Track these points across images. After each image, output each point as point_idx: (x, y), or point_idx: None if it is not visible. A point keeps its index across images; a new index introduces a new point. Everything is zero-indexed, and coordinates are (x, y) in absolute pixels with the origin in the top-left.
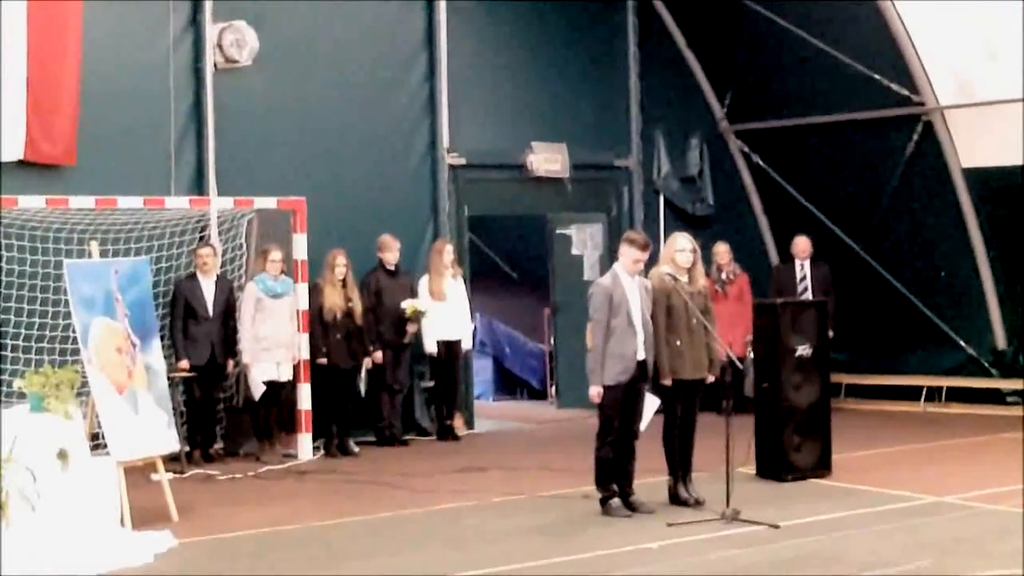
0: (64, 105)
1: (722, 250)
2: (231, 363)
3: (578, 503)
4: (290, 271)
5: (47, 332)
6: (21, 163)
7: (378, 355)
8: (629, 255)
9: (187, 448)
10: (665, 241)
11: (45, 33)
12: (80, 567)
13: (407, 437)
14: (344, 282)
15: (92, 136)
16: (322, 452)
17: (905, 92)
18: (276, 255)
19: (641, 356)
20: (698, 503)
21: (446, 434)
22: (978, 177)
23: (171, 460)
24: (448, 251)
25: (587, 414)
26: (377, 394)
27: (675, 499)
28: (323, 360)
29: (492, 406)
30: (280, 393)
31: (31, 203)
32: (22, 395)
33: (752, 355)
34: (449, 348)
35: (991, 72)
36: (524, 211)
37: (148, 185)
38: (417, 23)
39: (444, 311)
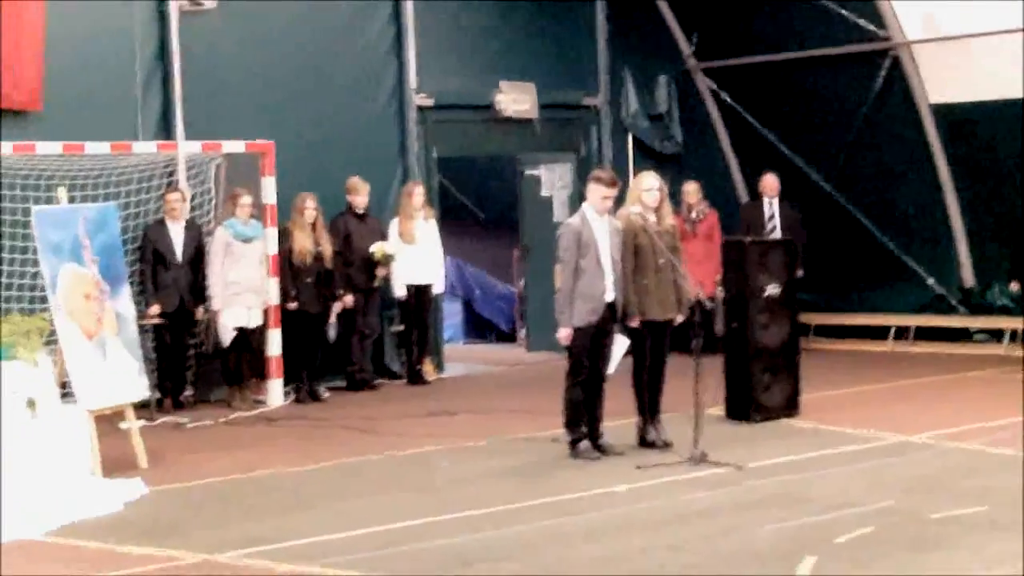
0: (29, 51)
1: (691, 189)
2: (201, 309)
3: (547, 446)
4: (259, 215)
5: (15, 280)
6: None
7: (348, 299)
8: (597, 192)
9: (157, 395)
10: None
11: None
12: (50, 515)
13: (377, 381)
14: (314, 226)
15: (58, 82)
16: (292, 398)
17: (872, 27)
18: (246, 200)
19: (610, 297)
20: (666, 445)
21: (416, 378)
22: (946, 112)
23: (141, 407)
24: (418, 193)
25: (557, 357)
26: (347, 339)
27: (643, 441)
28: (293, 305)
29: (462, 349)
30: (250, 339)
31: None
32: None
33: (722, 294)
34: (419, 292)
35: (958, 7)
36: (493, 152)
37: (115, 130)
38: None
39: (414, 254)
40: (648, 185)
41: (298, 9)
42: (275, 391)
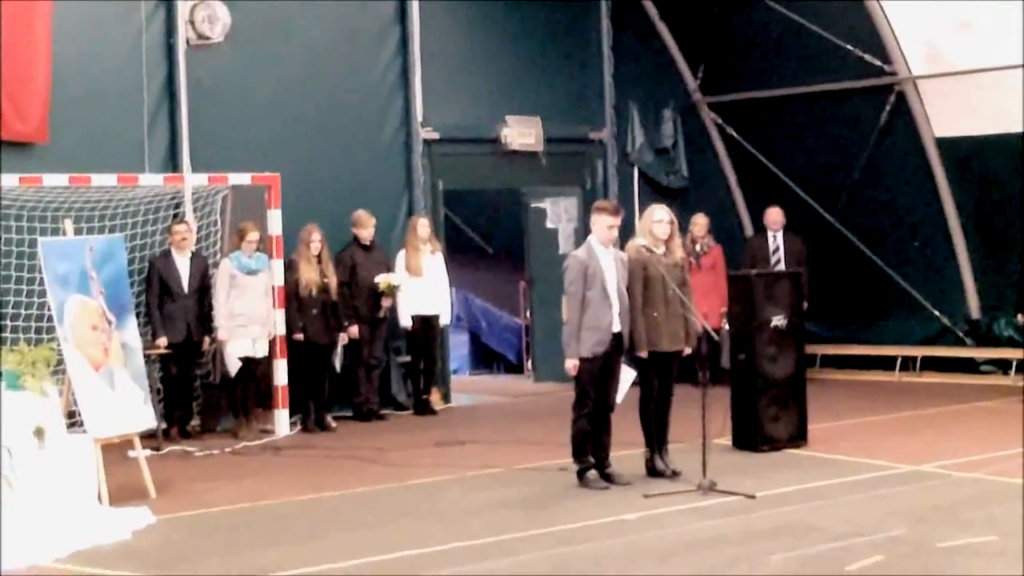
0: (36, 83)
1: (701, 222)
2: (207, 340)
3: (555, 476)
4: (265, 247)
5: (22, 310)
6: None
7: (354, 330)
8: (601, 222)
9: (164, 425)
10: (641, 214)
11: (15, 11)
12: (58, 544)
13: (384, 412)
14: (319, 257)
15: (65, 114)
16: (299, 427)
17: (877, 62)
18: (253, 236)
19: (616, 328)
20: (675, 474)
21: (423, 409)
22: (951, 146)
23: (148, 437)
24: (423, 225)
25: (564, 387)
26: (354, 369)
27: (652, 471)
28: (299, 336)
29: (469, 380)
30: (256, 369)
31: (4, 182)
32: None
33: (727, 327)
34: (425, 323)
35: (962, 41)
36: (499, 185)
37: (122, 162)
38: None
39: (420, 286)
40: (659, 217)
41: (305, 43)
42: (282, 421)
